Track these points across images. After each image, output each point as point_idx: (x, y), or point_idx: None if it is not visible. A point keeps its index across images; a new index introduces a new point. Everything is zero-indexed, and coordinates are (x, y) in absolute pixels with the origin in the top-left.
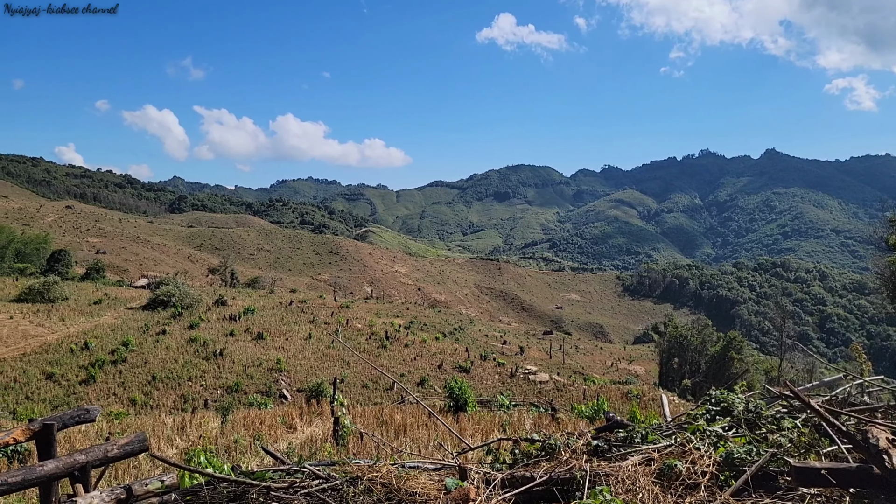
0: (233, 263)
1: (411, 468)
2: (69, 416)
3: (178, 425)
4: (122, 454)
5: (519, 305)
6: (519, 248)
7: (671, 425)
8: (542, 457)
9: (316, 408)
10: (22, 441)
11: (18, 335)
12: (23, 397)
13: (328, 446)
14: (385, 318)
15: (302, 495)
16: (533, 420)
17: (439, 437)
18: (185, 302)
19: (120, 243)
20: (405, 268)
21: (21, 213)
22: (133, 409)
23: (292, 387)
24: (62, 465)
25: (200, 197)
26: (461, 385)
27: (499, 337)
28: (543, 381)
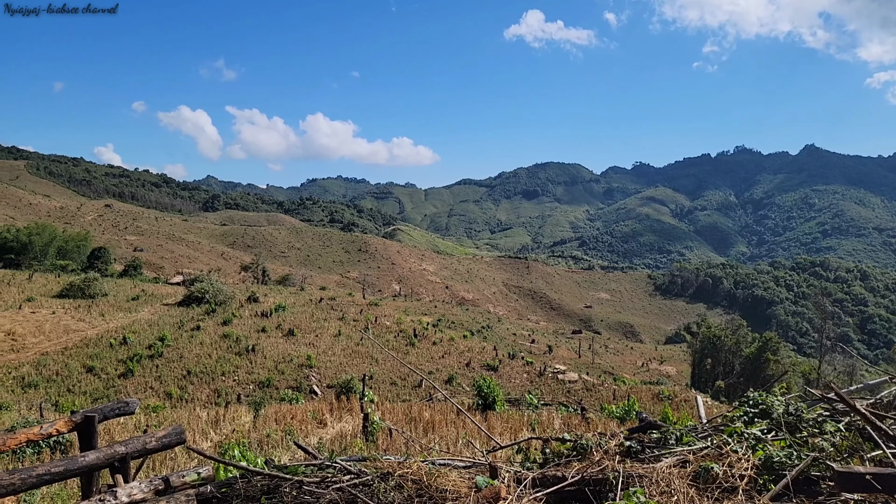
0: (264, 261)
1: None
2: (109, 408)
3: (213, 419)
4: (159, 446)
5: (547, 304)
6: (548, 246)
7: (707, 427)
8: (574, 457)
9: (346, 404)
10: (64, 432)
11: (60, 330)
12: (64, 390)
13: (358, 442)
14: (413, 316)
15: (334, 490)
16: (562, 419)
17: (468, 435)
18: (219, 298)
19: (156, 241)
20: (433, 266)
21: (63, 211)
22: (169, 402)
23: (322, 383)
24: (103, 456)
25: (233, 196)
26: (490, 383)
27: (527, 336)
28: (572, 380)
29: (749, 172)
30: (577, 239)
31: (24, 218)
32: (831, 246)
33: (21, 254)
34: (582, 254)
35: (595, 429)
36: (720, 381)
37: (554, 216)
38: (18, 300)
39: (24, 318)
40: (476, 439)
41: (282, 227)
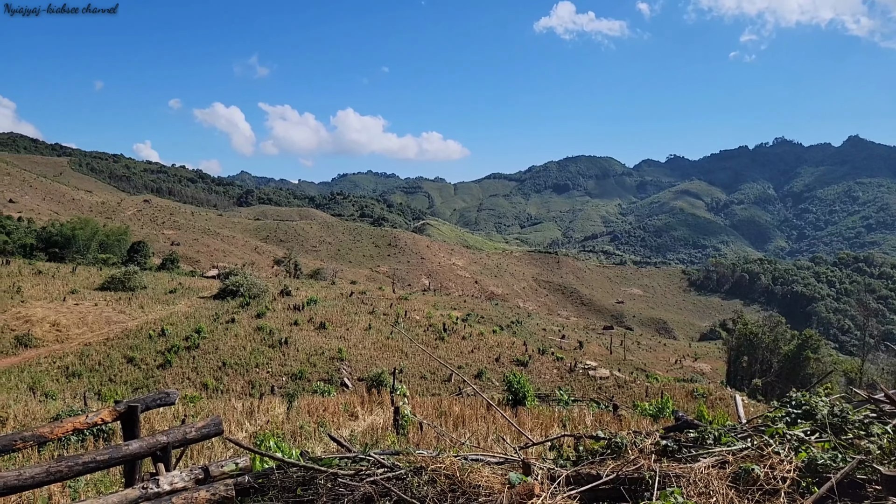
0: (296, 255)
1: (473, 461)
2: (151, 398)
3: (247, 410)
4: (199, 436)
5: (578, 300)
6: (578, 241)
7: (746, 428)
8: (608, 455)
9: (376, 397)
10: (109, 421)
11: (102, 321)
12: (106, 379)
13: (391, 436)
14: (442, 311)
15: (368, 483)
16: (593, 416)
17: (498, 431)
18: (253, 292)
19: (192, 235)
20: (462, 260)
21: (104, 206)
22: (205, 392)
23: (353, 375)
24: (145, 445)
25: (266, 191)
26: (520, 379)
27: (557, 331)
28: (604, 376)
29: (789, 165)
30: (609, 233)
31: (67, 213)
32: (876, 241)
33: (65, 247)
34: (614, 248)
35: (628, 426)
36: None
37: (585, 210)
38: (63, 292)
39: (69, 310)
40: (507, 435)
41: (313, 222)
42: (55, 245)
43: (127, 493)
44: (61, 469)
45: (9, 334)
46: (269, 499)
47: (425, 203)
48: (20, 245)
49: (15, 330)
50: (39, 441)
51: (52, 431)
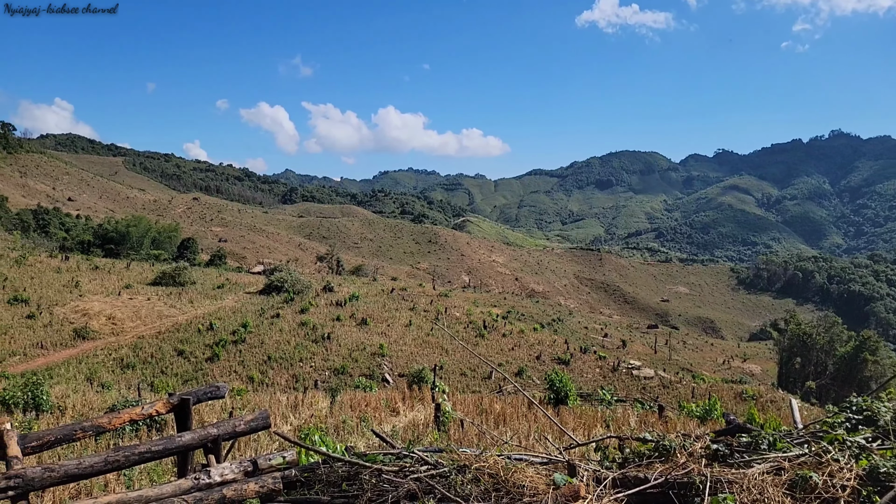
0: (338, 252)
1: (517, 460)
2: (203, 392)
3: (292, 404)
4: (247, 429)
5: (621, 297)
6: (622, 237)
7: (803, 433)
8: (656, 458)
9: (417, 393)
10: (163, 413)
11: (154, 315)
12: (158, 371)
13: (431, 432)
14: (483, 308)
15: (412, 480)
16: (638, 417)
17: (540, 430)
18: (297, 288)
19: (239, 232)
20: (502, 257)
21: (156, 204)
22: (251, 386)
23: (394, 371)
24: (197, 437)
25: (309, 189)
26: (562, 377)
27: (599, 329)
28: (648, 376)
29: (846, 158)
30: (654, 230)
31: (122, 210)
32: None
33: (120, 244)
34: (659, 245)
35: (674, 428)
36: (811, 382)
37: (629, 206)
38: (118, 287)
39: (123, 304)
40: (549, 434)
41: (355, 219)
42: (111, 241)
43: (180, 483)
44: (118, 458)
45: (68, 327)
46: (315, 493)
47: (465, 200)
48: (78, 241)
49: (73, 323)
50: (98, 431)
51: (111, 422)
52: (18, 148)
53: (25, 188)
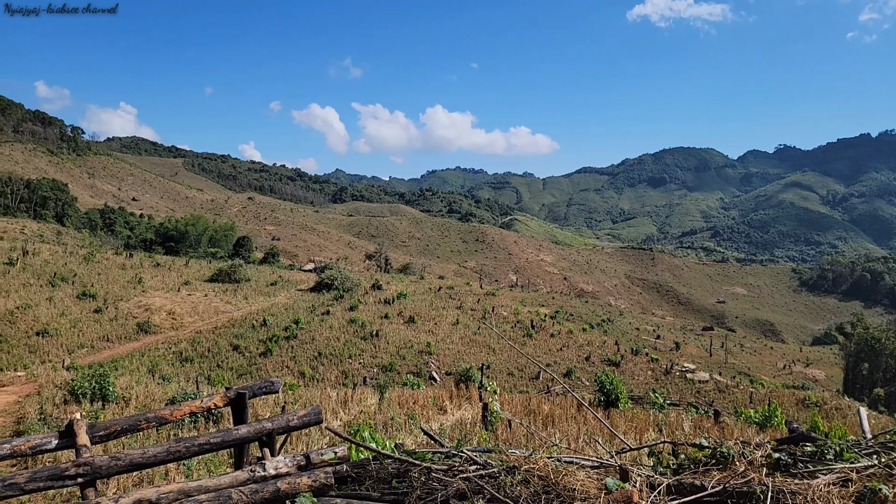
0: (387, 250)
1: (567, 463)
2: (258, 386)
3: (341, 399)
4: (300, 424)
5: (674, 298)
6: (675, 236)
7: (872, 443)
8: (713, 465)
9: (465, 392)
10: (221, 406)
11: (211, 311)
12: (215, 365)
13: (483, 433)
14: (530, 307)
15: (461, 479)
16: (692, 422)
17: (589, 432)
18: (346, 285)
19: (291, 231)
20: (551, 256)
21: (213, 204)
22: (302, 381)
23: (441, 369)
24: (253, 431)
25: (359, 188)
26: (612, 379)
27: (651, 331)
28: (703, 380)
29: None
30: (710, 229)
31: (181, 210)
32: None
33: (179, 242)
34: (714, 245)
35: (731, 435)
36: (879, 389)
37: (683, 204)
38: (178, 283)
39: (182, 300)
40: (599, 437)
41: (403, 218)
42: (171, 239)
43: (237, 475)
44: (179, 449)
45: (131, 321)
46: (365, 489)
47: (513, 198)
48: (142, 239)
49: (137, 317)
50: (160, 422)
51: (172, 414)
52: (87, 150)
53: (93, 189)
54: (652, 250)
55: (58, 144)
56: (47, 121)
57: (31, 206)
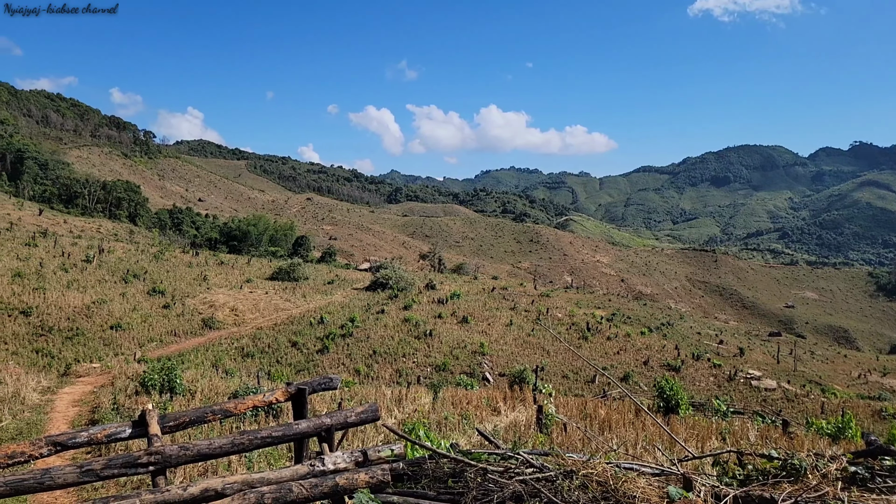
0: (440, 250)
1: (626, 469)
2: (317, 382)
3: (396, 397)
4: (358, 421)
5: (739, 302)
6: (740, 238)
7: None
8: (783, 477)
9: (518, 393)
10: (282, 401)
11: (272, 308)
12: (274, 360)
13: (534, 434)
14: (586, 309)
15: (517, 482)
16: (758, 432)
17: (648, 438)
18: (401, 285)
19: (347, 230)
20: (607, 257)
21: (274, 204)
22: (357, 378)
23: (494, 370)
24: (312, 426)
25: (413, 188)
26: (672, 384)
27: (714, 336)
28: (769, 388)
29: None
30: (777, 230)
31: (244, 210)
32: None
33: (242, 241)
34: (783, 247)
35: (801, 446)
36: None
37: (748, 204)
38: (240, 281)
39: (244, 297)
40: (658, 444)
41: (457, 218)
42: (234, 239)
43: (297, 469)
44: (243, 442)
45: (197, 317)
46: (421, 487)
47: (569, 198)
48: (207, 238)
49: (202, 313)
50: (225, 415)
51: (236, 407)
52: (158, 153)
53: (163, 190)
54: (715, 252)
55: (131, 148)
56: (122, 125)
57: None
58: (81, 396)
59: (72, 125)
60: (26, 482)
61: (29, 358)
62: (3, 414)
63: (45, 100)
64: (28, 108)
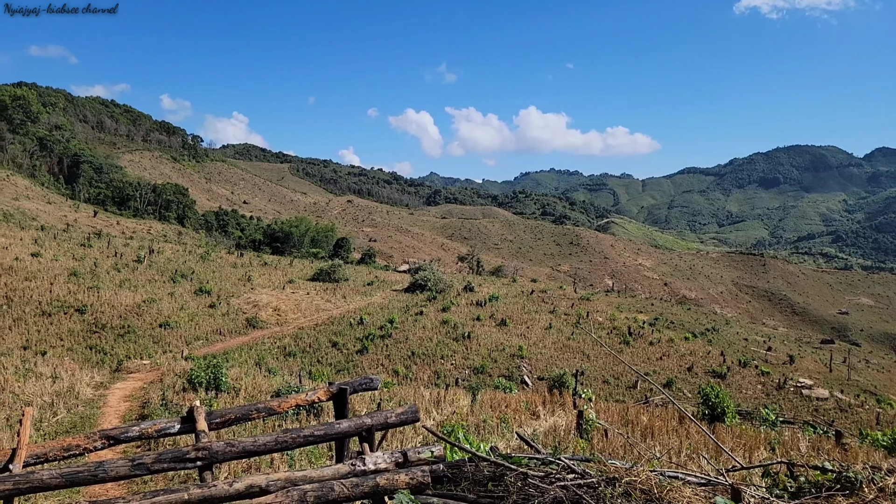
0: (479, 252)
1: (671, 477)
2: (358, 382)
3: (434, 399)
4: (398, 422)
5: (788, 308)
6: (790, 241)
7: None
8: (837, 490)
9: (558, 398)
10: (324, 400)
11: (313, 308)
12: (315, 360)
13: (572, 439)
14: (627, 313)
15: (558, 487)
16: (809, 442)
17: (692, 447)
18: (439, 287)
19: (387, 232)
20: (650, 261)
21: (315, 206)
22: (396, 379)
23: (533, 374)
24: (353, 426)
25: (452, 190)
26: (718, 392)
27: (762, 342)
28: (821, 397)
29: None
30: (830, 233)
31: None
32: None
33: (284, 242)
34: (836, 251)
35: (855, 458)
36: None
37: (799, 207)
38: (282, 281)
39: (287, 297)
40: (703, 452)
41: (495, 220)
42: (277, 240)
43: (338, 468)
44: (286, 440)
45: (241, 316)
46: (461, 490)
47: (610, 200)
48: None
49: (246, 313)
50: (269, 413)
51: (280, 405)
52: (205, 157)
53: (210, 192)
54: (763, 255)
55: (180, 152)
56: (171, 130)
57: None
58: (132, 392)
59: (125, 130)
60: (81, 474)
61: (83, 354)
62: (59, 408)
63: (100, 106)
64: (84, 114)
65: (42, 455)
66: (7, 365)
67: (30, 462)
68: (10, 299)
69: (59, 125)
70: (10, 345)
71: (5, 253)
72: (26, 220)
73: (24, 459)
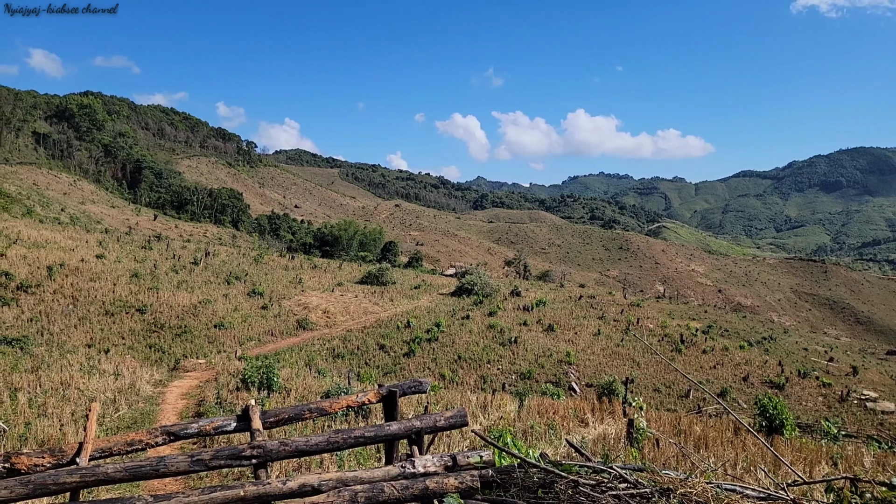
0: (526, 257)
1: (728, 490)
2: (407, 385)
3: (481, 404)
4: (446, 425)
5: (852, 317)
6: (854, 247)
7: None
8: None
9: (607, 406)
10: (373, 402)
11: (361, 311)
12: (363, 362)
13: (623, 447)
14: (679, 320)
15: (610, 496)
16: (874, 458)
17: (749, 459)
18: (486, 291)
19: (433, 236)
20: (703, 267)
21: (364, 210)
22: (442, 383)
23: (581, 381)
24: (403, 428)
25: (499, 195)
26: (776, 403)
27: (823, 352)
28: (887, 410)
29: None
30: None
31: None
32: None
33: (333, 245)
34: None
35: None
36: None
37: (863, 211)
38: (332, 284)
39: (335, 300)
40: (760, 465)
41: (543, 224)
42: (326, 243)
43: (388, 470)
44: (338, 440)
45: (292, 318)
46: (510, 496)
47: (661, 204)
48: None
49: (296, 314)
50: (321, 413)
51: (331, 406)
52: (258, 163)
53: (263, 197)
54: (824, 262)
55: (235, 157)
56: (227, 136)
57: (213, 213)
58: (188, 390)
59: (183, 137)
60: (143, 469)
61: (143, 352)
62: (121, 404)
63: (160, 113)
64: (145, 122)
65: (107, 449)
66: (73, 362)
67: (95, 456)
68: (76, 299)
69: (123, 132)
70: (76, 342)
71: (72, 255)
72: (92, 223)
73: (90, 453)
